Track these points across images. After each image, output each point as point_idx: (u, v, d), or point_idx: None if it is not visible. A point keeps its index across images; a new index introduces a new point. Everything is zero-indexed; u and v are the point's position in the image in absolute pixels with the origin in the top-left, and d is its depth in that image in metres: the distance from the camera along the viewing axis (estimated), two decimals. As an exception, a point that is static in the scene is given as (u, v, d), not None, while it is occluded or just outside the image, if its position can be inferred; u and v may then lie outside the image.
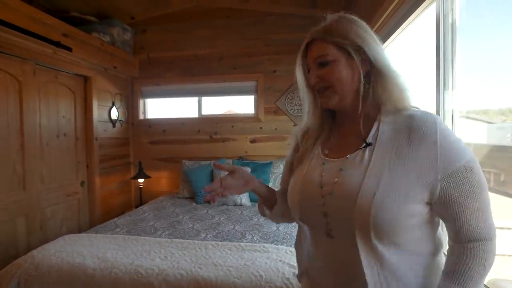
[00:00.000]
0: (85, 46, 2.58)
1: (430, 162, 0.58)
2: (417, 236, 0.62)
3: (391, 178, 0.59)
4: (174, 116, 3.40)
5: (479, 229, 0.58)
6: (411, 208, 0.59)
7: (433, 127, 0.59)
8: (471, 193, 0.58)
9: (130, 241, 1.60)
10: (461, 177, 0.58)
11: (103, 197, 2.96)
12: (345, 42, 0.64)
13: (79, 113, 2.74)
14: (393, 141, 0.61)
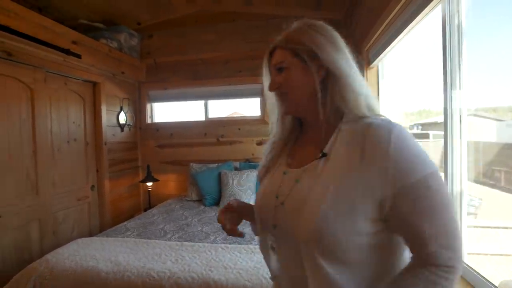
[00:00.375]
0: (94, 52, 2.63)
1: (380, 175, 0.53)
2: (371, 259, 0.56)
3: (339, 191, 0.55)
4: (181, 120, 3.44)
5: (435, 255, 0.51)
6: (359, 225, 0.54)
7: (387, 137, 0.54)
8: (427, 213, 0.51)
9: (141, 244, 1.63)
10: (415, 195, 0.52)
11: (113, 201, 3.00)
12: (300, 48, 0.63)
13: (89, 118, 2.79)
14: (347, 151, 0.58)
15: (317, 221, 0.54)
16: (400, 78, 2.01)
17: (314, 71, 0.62)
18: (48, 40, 2.15)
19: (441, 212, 0.52)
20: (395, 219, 0.54)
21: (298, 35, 0.65)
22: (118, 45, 3.00)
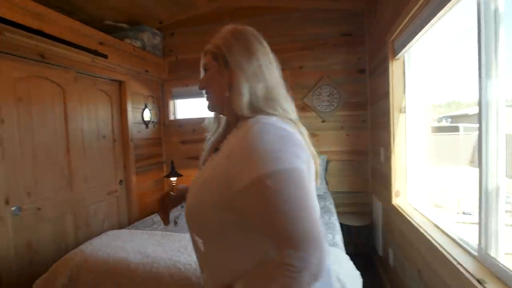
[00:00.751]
0: (119, 52, 2.72)
1: (235, 169, 0.56)
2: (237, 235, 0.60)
3: (208, 182, 0.61)
4: (203, 116, 3.48)
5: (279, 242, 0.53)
6: (223, 214, 0.59)
7: (245, 135, 0.57)
8: (265, 209, 0.52)
9: (167, 237, 1.68)
10: (253, 191, 0.52)
11: (140, 195, 3.12)
12: (217, 53, 0.70)
13: (116, 116, 2.90)
14: (226, 148, 0.62)
15: (190, 208, 0.65)
16: (428, 69, 1.92)
17: (225, 74, 0.69)
18: (77, 41, 2.25)
19: (282, 211, 0.52)
20: (243, 212, 0.56)
21: (219, 40, 0.72)
22: (141, 44, 3.08)
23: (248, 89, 0.66)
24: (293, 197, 0.53)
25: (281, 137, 0.57)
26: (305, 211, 0.54)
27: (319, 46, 3.03)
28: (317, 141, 3.08)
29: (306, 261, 0.52)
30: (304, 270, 0.51)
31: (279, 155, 0.54)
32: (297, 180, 0.54)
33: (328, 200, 2.49)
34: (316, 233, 0.53)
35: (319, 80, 3.03)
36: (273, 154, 0.54)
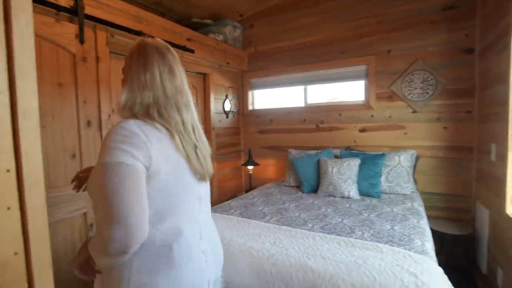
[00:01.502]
0: (204, 46, 2.91)
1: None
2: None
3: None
4: (280, 106, 3.49)
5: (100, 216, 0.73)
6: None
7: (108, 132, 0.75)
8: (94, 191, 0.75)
9: (242, 223, 1.74)
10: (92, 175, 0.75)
11: (219, 181, 3.34)
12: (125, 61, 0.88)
13: (200, 106, 3.14)
14: None
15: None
16: None
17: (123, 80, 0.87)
18: (169, 39, 2.48)
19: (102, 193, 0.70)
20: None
21: (129, 50, 0.88)
22: (223, 38, 3.23)
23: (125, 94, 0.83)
24: (108, 186, 0.70)
25: (122, 135, 0.73)
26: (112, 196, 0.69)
27: (412, 26, 2.65)
28: (404, 134, 2.73)
29: (111, 233, 0.68)
30: (110, 239, 0.69)
31: (111, 150, 0.72)
32: (115, 172, 0.70)
33: (416, 201, 2.20)
34: (120, 213, 0.69)
35: (411, 65, 2.66)
36: (108, 149, 0.72)
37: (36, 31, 1.64)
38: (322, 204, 2.23)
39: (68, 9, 1.77)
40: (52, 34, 1.71)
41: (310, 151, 2.96)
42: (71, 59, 1.82)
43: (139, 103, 0.81)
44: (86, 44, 1.89)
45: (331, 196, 2.44)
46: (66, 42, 1.78)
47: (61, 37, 1.75)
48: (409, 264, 1.18)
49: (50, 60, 1.72)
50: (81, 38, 1.85)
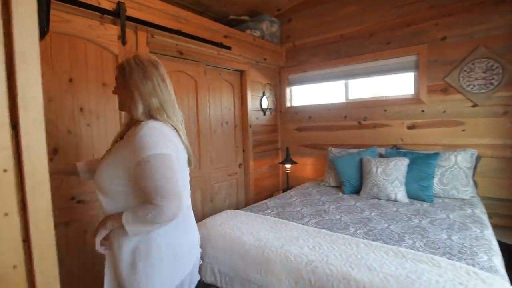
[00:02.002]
0: (241, 43, 2.87)
1: (130, 152, 0.93)
2: (125, 195, 0.98)
3: (110, 159, 0.99)
4: (319, 103, 3.34)
5: (152, 198, 0.90)
6: (119, 181, 0.97)
7: (137, 132, 0.93)
8: (146, 175, 0.90)
9: (279, 224, 1.67)
10: (141, 166, 0.91)
11: (256, 179, 3.29)
12: (122, 71, 1.02)
13: (237, 103, 3.12)
14: (125, 139, 1.00)
15: (97, 175, 1.00)
16: None
17: (127, 89, 1.01)
18: (206, 37, 2.48)
19: (152, 180, 0.90)
20: (135, 181, 0.94)
21: (125, 62, 1.02)
22: (260, 34, 3.17)
23: (142, 103, 1.00)
24: (161, 171, 0.89)
25: (158, 134, 0.94)
26: (166, 180, 0.90)
27: (470, 8, 2.34)
28: (462, 131, 2.43)
29: (164, 205, 0.88)
30: (163, 210, 0.88)
31: (155, 145, 0.91)
32: (163, 161, 0.90)
33: (477, 207, 1.93)
34: (171, 190, 0.90)
35: (471, 52, 2.35)
36: (152, 144, 0.91)
37: (82, 34, 1.72)
38: (365, 206, 2.06)
39: (111, 12, 1.83)
40: (96, 36, 1.78)
41: (351, 149, 2.78)
42: (114, 59, 1.89)
43: (151, 107, 1.01)
44: (128, 44, 1.95)
45: (375, 198, 2.25)
46: (109, 43, 1.85)
47: (105, 39, 1.83)
48: (474, 283, 1.00)
49: (95, 61, 1.80)
50: (123, 39, 1.91)
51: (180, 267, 1.05)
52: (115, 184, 0.97)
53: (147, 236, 0.97)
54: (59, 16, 1.61)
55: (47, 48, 1.60)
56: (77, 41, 1.71)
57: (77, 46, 1.72)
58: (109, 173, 0.97)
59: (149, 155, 0.90)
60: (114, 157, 0.98)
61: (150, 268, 0.97)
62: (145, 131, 0.92)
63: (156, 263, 0.98)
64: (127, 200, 0.97)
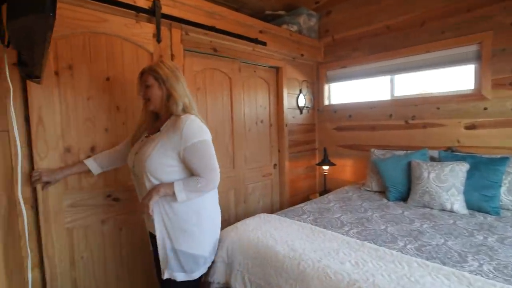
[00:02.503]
0: (276, 38, 2.75)
1: (178, 139, 1.21)
2: (175, 176, 1.25)
3: (159, 145, 1.23)
4: (361, 100, 3.09)
5: (200, 173, 1.22)
6: (169, 162, 1.23)
7: (183, 123, 1.21)
8: (196, 156, 1.21)
9: (317, 233, 1.52)
10: (191, 150, 1.21)
11: (291, 180, 3.15)
12: (156, 76, 1.28)
13: (272, 101, 3.00)
14: (167, 129, 1.26)
15: (146, 160, 1.23)
16: None
17: (163, 90, 1.30)
18: (241, 32, 2.40)
19: (201, 159, 1.22)
20: (184, 161, 1.23)
21: (157, 68, 1.29)
22: (297, 28, 3.02)
23: (180, 101, 1.27)
24: (208, 154, 1.25)
25: (199, 125, 1.25)
26: (211, 159, 1.25)
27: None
28: None
29: (210, 177, 1.24)
30: (209, 181, 1.23)
31: (200, 132, 1.24)
32: (207, 145, 1.25)
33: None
34: (215, 166, 1.26)
35: (551, 39, 1.98)
36: (198, 132, 1.23)
37: (118, 33, 1.71)
38: (414, 216, 1.83)
39: (147, 10, 1.82)
40: (132, 35, 1.78)
41: (398, 151, 2.52)
42: (149, 57, 1.87)
43: (185, 105, 1.29)
44: (163, 42, 1.93)
45: (426, 207, 2.00)
46: (144, 41, 1.84)
47: (140, 37, 1.82)
48: None
49: (131, 60, 1.80)
50: (158, 37, 1.89)
51: (218, 229, 1.45)
52: (166, 165, 1.23)
53: (195, 207, 1.27)
54: (96, 16, 1.63)
55: (85, 48, 1.62)
56: (114, 40, 1.72)
57: (114, 45, 1.72)
58: (160, 158, 1.23)
59: (198, 141, 1.21)
60: (162, 144, 1.23)
61: (203, 232, 1.31)
62: (189, 122, 1.22)
63: (206, 227, 1.32)
64: (173, 178, 1.25)
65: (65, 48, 1.54)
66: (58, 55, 1.52)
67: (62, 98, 1.55)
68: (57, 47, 1.52)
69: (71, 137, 1.58)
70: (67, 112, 1.56)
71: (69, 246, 1.61)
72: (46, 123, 1.49)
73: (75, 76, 1.58)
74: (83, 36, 1.60)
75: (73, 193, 1.62)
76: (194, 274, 1.31)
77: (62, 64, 1.54)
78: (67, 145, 1.57)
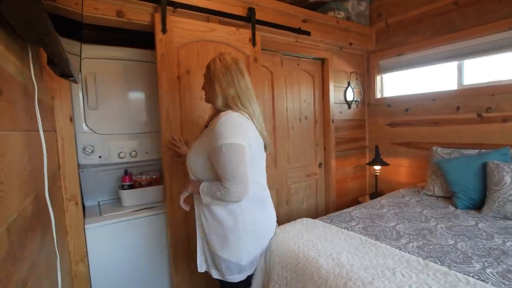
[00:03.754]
0: (322, 27, 2.53)
1: (210, 140, 1.13)
2: (210, 174, 1.20)
3: (198, 145, 1.24)
4: (421, 92, 2.72)
5: (221, 180, 1.12)
6: (204, 162, 1.20)
7: (216, 122, 1.13)
8: (219, 160, 1.10)
9: (368, 245, 1.32)
10: (216, 152, 1.11)
11: (338, 180, 2.92)
12: (208, 69, 1.25)
13: (317, 96, 2.79)
14: (207, 129, 1.23)
15: (189, 157, 1.27)
16: None
17: (212, 83, 1.23)
18: (283, 22, 2.24)
19: (224, 165, 1.09)
20: (211, 163, 1.16)
21: (210, 62, 1.26)
22: (345, 15, 2.75)
23: (221, 94, 1.21)
24: (231, 159, 1.09)
25: (233, 123, 1.13)
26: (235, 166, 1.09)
27: None
28: None
29: (231, 188, 1.10)
30: (230, 192, 1.10)
31: (230, 134, 1.10)
32: (234, 150, 1.09)
33: None
34: (239, 177, 1.10)
35: None
36: (227, 134, 1.10)
37: (223, 40, 1.92)
38: (493, 230, 1.50)
39: (243, 18, 2.02)
40: (234, 41, 1.96)
41: (467, 150, 2.14)
42: (246, 60, 2.03)
43: (227, 97, 1.21)
44: (257, 46, 2.08)
45: (508, 219, 1.64)
46: (243, 45, 2.01)
47: (240, 42, 1.99)
48: None
49: None
50: (254, 41, 2.06)
51: (261, 240, 1.34)
52: (199, 164, 1.22)
53: (233, 214, 1.21)
54: (207, 26, 1.85)
55: (199, 54, 1.83)
56: (220, 46, 1.91)
57: (220, 50, 1.86)
58: (196, 156, 1.23)
59: (223, 143, 1.09)
60: (199, 143, 1.24)
61: (238, 240, 1.22)
62: (222, 121, 1.12)
63: (243, 236, 1.22)
64: (207, 178, 1.22)
65: (184, 55, 1.78)
66: (179, 62, 1.76)
67: (182, 98, 1.78)
68: (180, 56, 1.76)
69: (187, 131, 1.79)
70: (185, 110, 1.79)
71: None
72: (172, 120, 1.74)
73: (191, 79, 1.81)
74: (197, 45, 1.82)
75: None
76: (228, 277, 1.27)
77: (182, 70, 1.77)
78: (185, 138, 1.77)
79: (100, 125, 1.80)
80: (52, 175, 1.31)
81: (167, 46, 1.70)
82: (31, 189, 0.80)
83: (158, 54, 1.68)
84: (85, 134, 1.77)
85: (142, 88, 1.93)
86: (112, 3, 1.59)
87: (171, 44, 1.72)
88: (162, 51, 1.68)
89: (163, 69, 1.69)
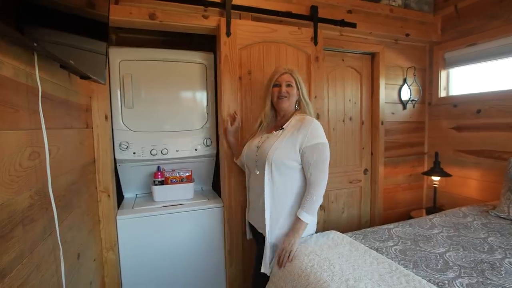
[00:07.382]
0: (371, 18, 2.26)
1: (302, 138, 1.32)
2: (296, 172, 1.37)
3: (285, 141, 1.35)
4: (497, 89, 2.23)
5: (313, 178, 1.32)
6: (292, 156, 1.34)
7: (309, 123, 1.34)
8: (313, 156, 1.31)
9: (397, 275, 1.09)
10: (309, 151, 1.32)
11: (387, 190, 2.59)
12: (296, 79, 1.47)
13: (365, 95, 2.51)
14: (292, 128, 1.38)
15: (274, 151, 1.35)
16: None
17: (298, 91, 1.48)
18: (324, 15, 2.06)
19: (317, 160, 1.31)
20: (302, 159, 1.34)
21: (295, 70, 1.49)
22: (402, 2, 2.41)
23: (309, 102, 1.50)
24: (323, 155, 1.34)
25: (322, 129, 1.38)
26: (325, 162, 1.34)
27: None
28: None
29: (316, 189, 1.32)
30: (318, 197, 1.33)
31: (322, 136, 1.36)
32: (326, 149, 1.34)
33: None
34: (324, 172, 1.33)
35: None
36: (320, 135, 1.35)
37: (284, 40, 1.94)
38: None
39: (305, 16, 2.00)
40: (294, 40, 1.96)
41: (561, 164, 1.66)
42: (307, 58, 2.01)
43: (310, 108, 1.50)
44: (319, 44, 2.03)
45: None
46: (303, 45, 1.99)
47: (301, 42, 1.98)
48: None
49: (293, 61, 1.96)
50: (316, 40, 2.02)
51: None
52: (288, 159, 1.34)
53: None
54: (269, 27, 1.89)
55: (260, 55, 1.88)
56: (281, 46, 1.93)
57: (280, 50, 1.93)
58: (286, 149, 1.34)
59: (319, 142, 1.32)
60: (288, 138, 1.35)
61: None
62: (315, 124, 1.35)
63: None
64: (292, 176, 1.37)
65: (246, 57, 1.85)
66: (241, 63, 1.84)
67: (243, 97, 1.86)
68: (241, 57, 1.84)
69: (247, 129, 1.86)
70: (246, 108, 1.87)
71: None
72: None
73: (252, 79, 1.87)
74: (258, 46, 1.87)
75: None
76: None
77: (244, 70, 1.85)
78: (243, 135, 1.85)
79: (135, 122, 1.89)
80: (82, 168, 1.41)
81: (231, 48, 1.80)
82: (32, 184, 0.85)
83: (222, 56, 1.78)
84: (122, 131, 1.87)
85: (176, 88, 1.97)
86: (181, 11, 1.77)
87: (234, 46, 1.80)
88: (226, 53, 1.79)
89: (226, 70, 1.79)
